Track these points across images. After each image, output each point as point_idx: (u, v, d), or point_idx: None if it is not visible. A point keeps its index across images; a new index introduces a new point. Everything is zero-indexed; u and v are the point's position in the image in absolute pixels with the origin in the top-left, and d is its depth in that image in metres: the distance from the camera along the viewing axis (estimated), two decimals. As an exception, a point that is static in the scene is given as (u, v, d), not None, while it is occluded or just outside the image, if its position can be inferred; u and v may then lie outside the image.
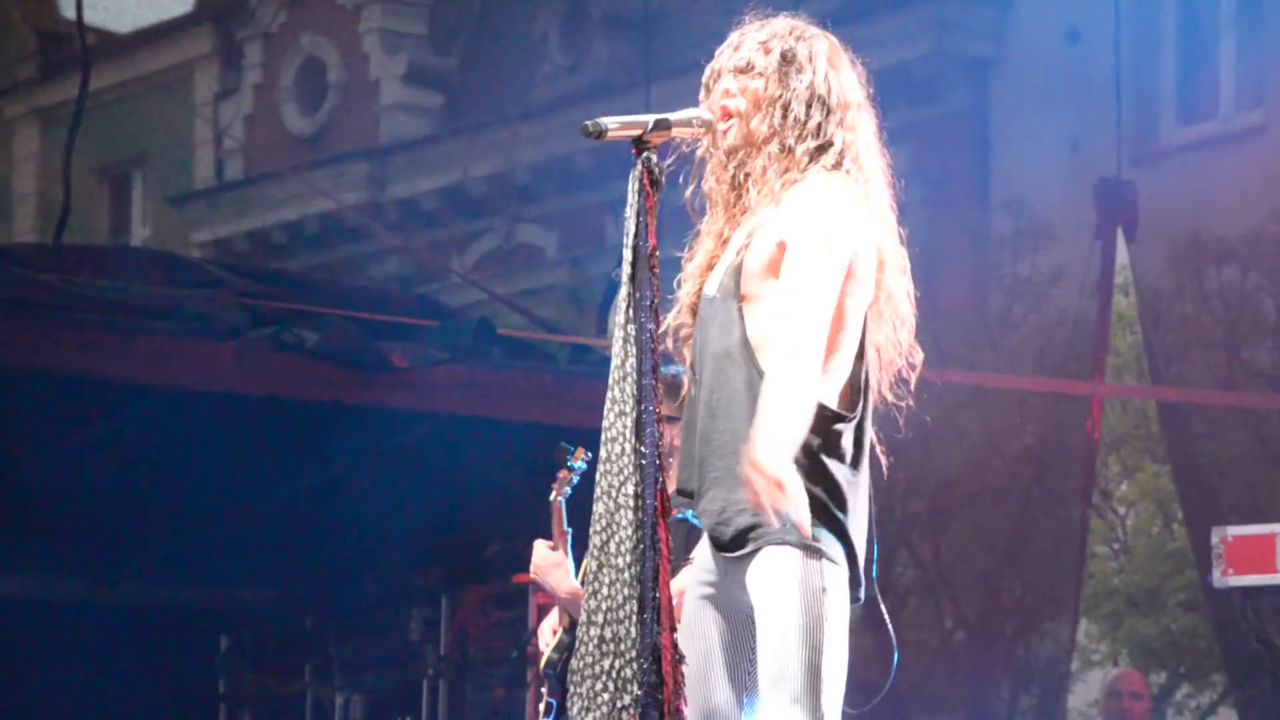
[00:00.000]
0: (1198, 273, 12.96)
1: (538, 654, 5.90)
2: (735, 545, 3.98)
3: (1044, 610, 13.63)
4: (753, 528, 3.95)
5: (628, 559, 3.83)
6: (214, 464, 8.29)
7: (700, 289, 4.15)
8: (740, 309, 4.05)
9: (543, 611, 6.64)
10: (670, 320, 4.15)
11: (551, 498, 5.55)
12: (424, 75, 21.01)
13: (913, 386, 4.25)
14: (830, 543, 4.01)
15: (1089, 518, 12.28)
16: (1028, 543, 13.63)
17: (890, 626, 4.24)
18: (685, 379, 4.13)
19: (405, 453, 8.21)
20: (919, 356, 4.22)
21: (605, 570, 3.86)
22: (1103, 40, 13.99)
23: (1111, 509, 13.70)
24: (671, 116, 4.06)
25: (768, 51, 4.16)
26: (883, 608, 4.20)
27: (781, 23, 4.21)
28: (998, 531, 13.73)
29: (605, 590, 3.87)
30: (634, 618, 3.82)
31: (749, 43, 4.18)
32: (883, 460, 4.18)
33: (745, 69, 4.16)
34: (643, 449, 3.85)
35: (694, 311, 4.15)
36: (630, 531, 3.82)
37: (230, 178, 22.27)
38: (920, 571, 14.31)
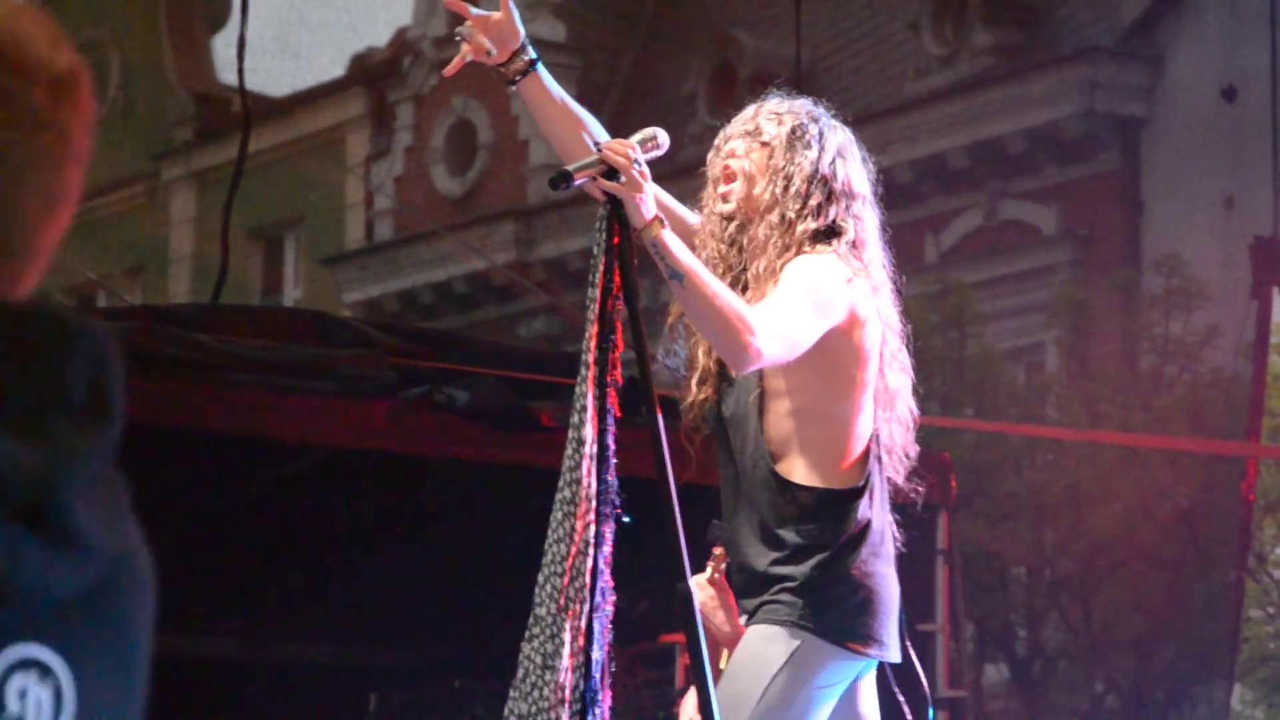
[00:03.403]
0: (1355, 333, 12.75)
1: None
2: (749, 621, 4.14)
3: (1198, 675, 13.42)
4: (761, 606, 4.07)
5: (553, 650, 3.86)
6: (365, 523, 8.34)
7: (718, 361, 4.17)
8: (760, 402, 4.08)
9: (689, 673, 6.60)
10: (694, 391, 4.18)
11: (706, 577, 5.37)
12: (572, 136, 21.13)
13: (906, 476, 4.23)
14: (844, 621, 4.00)
15: (1244, 581, 12.08)
16: (1181, 606, 13.44)
17: (924, 682, 4.24)
18: (688, 445, 4.21)
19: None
20: (914, 450, 4.20)
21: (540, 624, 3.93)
22: (1259, 97, 13.83)
23: (1267, 573, 13.47)
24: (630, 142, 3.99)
25: (780, 123, 4.19)
26: (917, 666, 4.19)
27: (802, 102, 4.25)
28: (1150, 594, 13.54)
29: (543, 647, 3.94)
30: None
31: (765, 112, 4.23)
32: (898, 536, 4.17)
33: (754, 134, 4.19)
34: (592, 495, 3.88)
35: (718, 384, 4.17)
36: (559, 618, 3.86)
37: (381, 238, 22.50)
38: (1070, 634, 14.14)
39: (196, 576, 7.86)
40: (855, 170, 4.20)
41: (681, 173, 4.15)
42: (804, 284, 3.99)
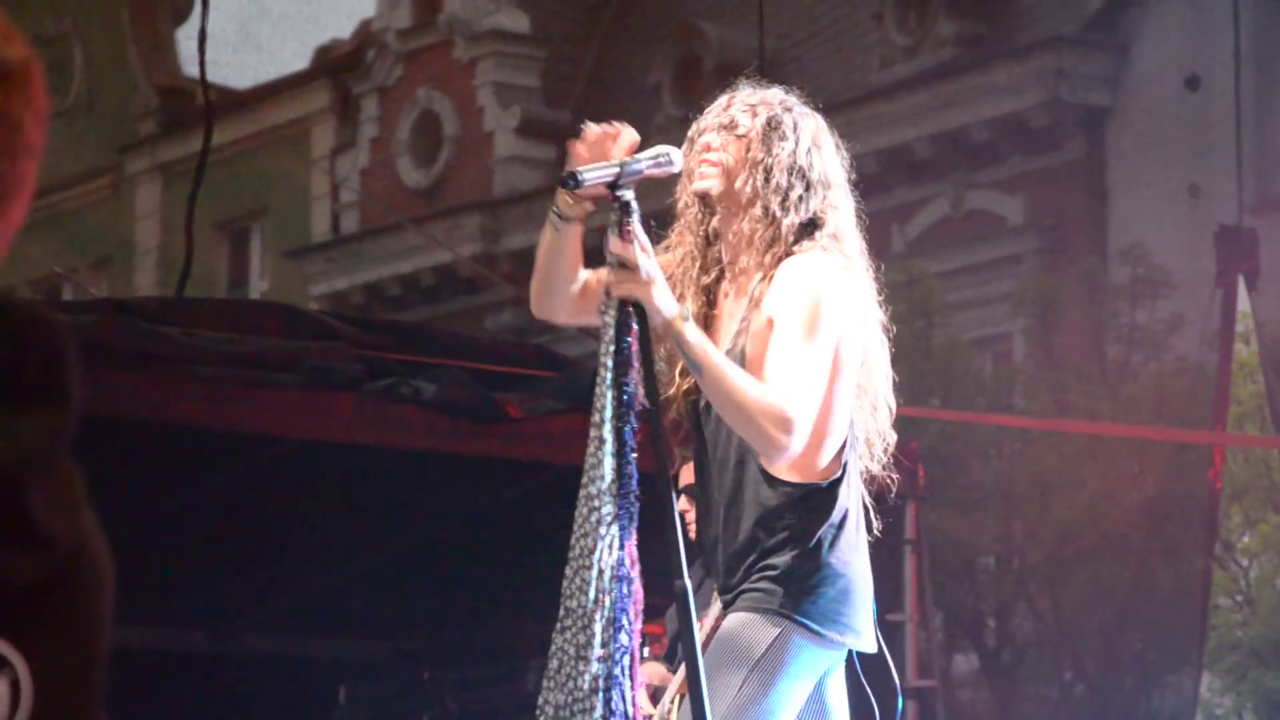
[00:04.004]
0: (1320, 320, 12.81)
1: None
2: (727, 609, 4.13)
3: (1166, 663, 13.46)
4: (740, 593, 4.07)
5: (595, 657, 3.87)
6: (333, 515, 8.33)
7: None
8: None
9: (663, 659, 6.60)
10: (679, 383, 4.19)
11: None
12: (538, 127, 21.14)
13: (883, 464, 4.27)
14: (824, 611, 4.01)
15: (1211, 569, 12.12)
16: (1148, 595, 13.48)
17: (894, 673, 4.26)
18: (674, 441, 4.24)
19: (522, 503, 8.22)
20: (893, 439, 4.23)
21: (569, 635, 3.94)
22: (1222, 87, 13.88)
23: (1234, 560, 13.52)
24: (641, 158, 4.04)
25: (754, 115, 4.20)
26: (887, 657, 4.22)
27: (774, 92, 4.27)
28: (1117, 583, 13.58)
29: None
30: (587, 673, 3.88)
31: (738, 104, 4.24)
32: (876, 523, 4.20)
33: (730, 126, 4.20)
34: (619, 491, 3.90)
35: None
36: (590, 609, 3.87)
37: (346, 231, 22.46)
38: (1039, 624, 14.18)
39: (164, 569, 7.85)
40: (830, 158, 4.23)
41: (647, 164, 4.14)
42: (809, 324, 4.01)
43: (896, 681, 4.27)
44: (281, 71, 24.28)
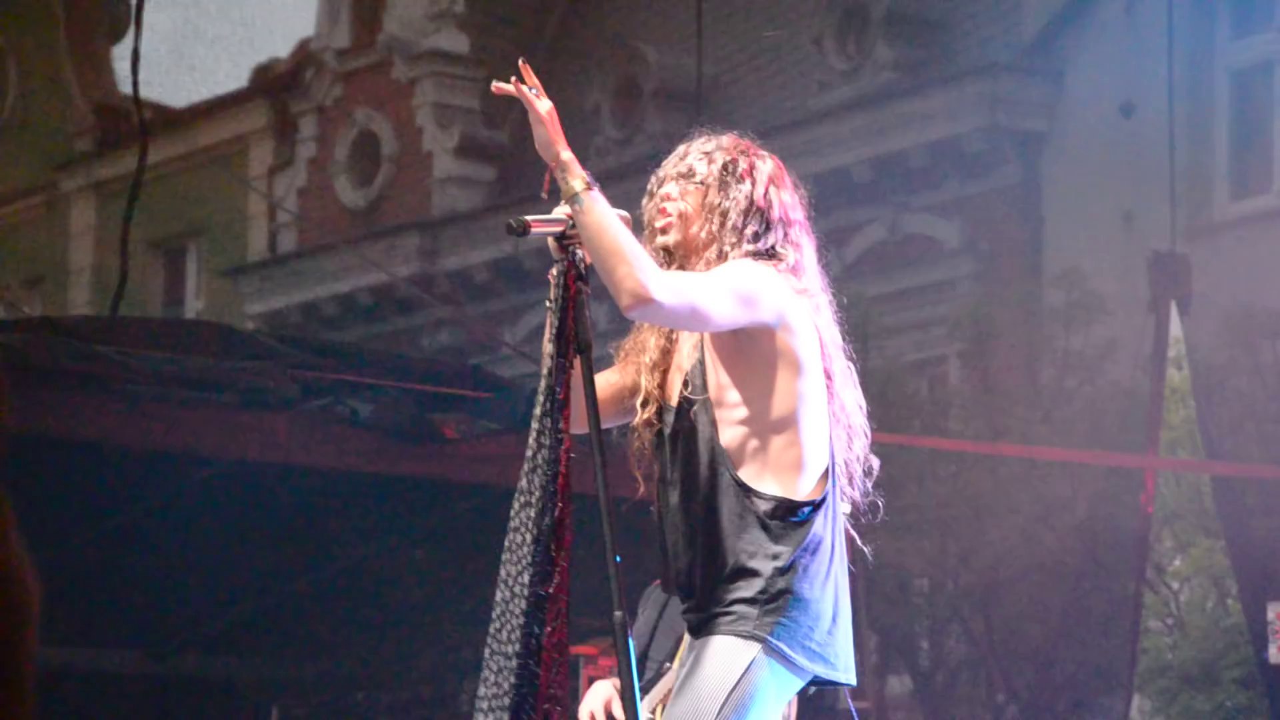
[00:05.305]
0: (1252, 347, 12.90)
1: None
2: (697, 632, 4.13)
3: (1097, 686, 13.52)
4: (714, 617, 4.07)
5: (516, 648, 3.91)
6: (267, 535, 8.31)
7: (663, 384, 4.21)
8: (714, 414, 4.10)
9: (591, 683, 6.60)
10: (639, 414, 4.21)
11: None
12: (476, 148, 21.14)
13: (867, 493, 4.32)
14: (795, 636, 4.04)
15: (1142, 593, 12.19)
16: (1081, 617, 13.55)
17: (853, 711, 4.32)
18: (637, 471, 4.26)
19: (457, 524, 8.22)
20: (875, 464, 4.26)
21: (495, 657, 3.96)
22: (1156, 114, 13.99)
23: (1165, 584, 13.61)
24: None
25: (711, 161, 4.25)
26: (848, 698, 4.26)
27: (729, 138, 4.32)
28: (1050, 606, 13.64)
29: (493, 678, 3.97)
30: (516, 707, 3.93)
31: (695, 152, 4.29)
32: (865, 551, 4.25)
33: (688, 175, 4.25)
34: (541, 541, 3.95)
35: (658, 408, 4.21)
36: (521, 621, 3.91)
37: (283, 250, 22.40)
38: (972, 646, 14.23)
39: (99, 589, 7.81)
40: (789, 198, 4.28)
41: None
42: (724, 272, 4.05)
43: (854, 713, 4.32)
44: (216, 92, 24.21)
